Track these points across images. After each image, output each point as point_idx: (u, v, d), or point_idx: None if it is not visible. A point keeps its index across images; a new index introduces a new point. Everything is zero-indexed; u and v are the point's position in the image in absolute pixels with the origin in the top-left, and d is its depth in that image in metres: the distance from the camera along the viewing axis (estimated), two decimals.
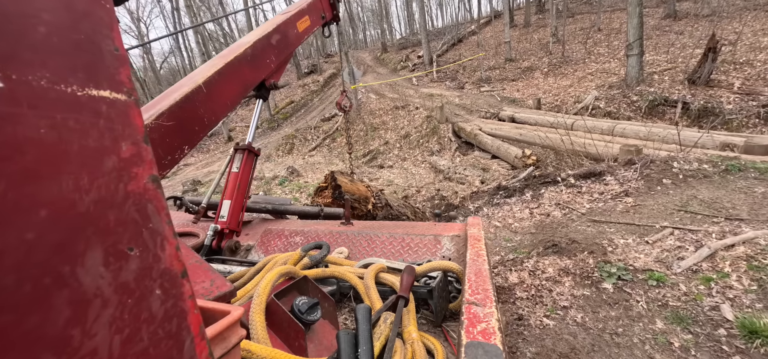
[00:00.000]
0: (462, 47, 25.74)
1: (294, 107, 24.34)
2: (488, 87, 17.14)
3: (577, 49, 17.30)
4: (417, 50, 28.49)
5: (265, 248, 2.25)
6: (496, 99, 15.12)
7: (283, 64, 2.58)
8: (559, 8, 21.26)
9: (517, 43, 21.11)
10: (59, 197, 0.34)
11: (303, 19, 2.76)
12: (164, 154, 1.74)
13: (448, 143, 11.32)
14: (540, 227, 4.18)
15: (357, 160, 12.71)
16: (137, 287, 0.40)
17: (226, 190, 2.32)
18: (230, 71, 2.08)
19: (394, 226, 2.15)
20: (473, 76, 19.24)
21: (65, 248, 0.34)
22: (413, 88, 19.38)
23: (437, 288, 1.42)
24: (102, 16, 0.39)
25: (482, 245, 1.47)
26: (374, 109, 16.61)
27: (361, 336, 0.98)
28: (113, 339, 0.37)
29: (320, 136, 16.67)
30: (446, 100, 15.41)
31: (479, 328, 0.91)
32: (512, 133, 9.79)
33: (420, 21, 24.84)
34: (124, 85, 0.41)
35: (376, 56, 32.62)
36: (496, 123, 11.44)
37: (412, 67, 25.28)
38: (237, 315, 0.70)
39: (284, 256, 1.59)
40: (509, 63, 18.96)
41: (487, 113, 13.30)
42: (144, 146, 0.42)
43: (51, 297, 0.32)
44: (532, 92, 14.71)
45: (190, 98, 1.85)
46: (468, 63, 21.42)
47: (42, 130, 0.33)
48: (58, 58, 0.35)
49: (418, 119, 13.53)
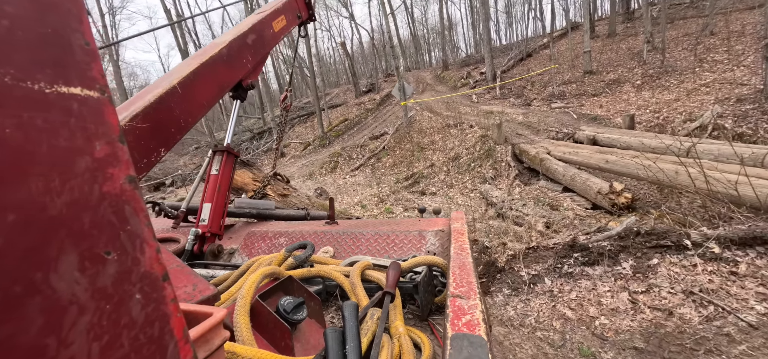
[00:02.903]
0: (531, 62, 23.10)
1: (347, 125, 23.86)
2: (561, 103, 14.55)
3: (683, 57, 13.95)
4: (480, 67, 26.52)
5: (249, 251, 2.20)
6: (571, 117, 12.55)
7: (259, 64, 2.53)
8: (653, 15, 17.76)
9: (600, 53, 18.02)
10: (28, 201, 0.32)
11: (279, 19, 2.70)
12: (140, 157, 1.67)
13: (505, 169, 9.22)
14: (654, 338, 2.18)
15: (397, 183, 11.15)
16: (116, 292, 0.39)
17: (205, 193, 2.27)
18: (206, 71, 2.01)
19: (379, 224, 2.14)
20: (543, 92, 16.69)
21: (36, 253, 0.32)
22: (471, 106, 17.43)
23: (422, 282, 1.40)
24: (70, 8, 0.37)
25: (465, 240, 1.48)
26: (425, 127, 15.01)
27: (348, 333, 0.97)
28: (91, 347, 0.36)
29: (365, 155, 15.56)
30: (507, 117, 13.20)
31: (464, 320, 0.92)
32: (594, 159, 7.40)
33: (483, 34, 22.77)
34: (97, 82, 0.39)
35: (436, 75, 31.21)
36: (571, 145, 9.03)
37: (473, 83, 23.31)
38: (220, 317, 0.69)
39: (268, 257, 1.58)
40: (589, 76, 16.11)
41: (558, 133, 10.87)
42: (120, 146, 0.40)
43: (23, 305, 0.31)
44: (621, 108, 11.90)
45: (165, 99, 1.79)
46: (537, 78, 18.81)
47: (6, 130, 0.31)
48: (23, 53, 0.33)
49: (470, 139, 11.59)
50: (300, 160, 19.46)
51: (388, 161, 13.99)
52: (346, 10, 43.98)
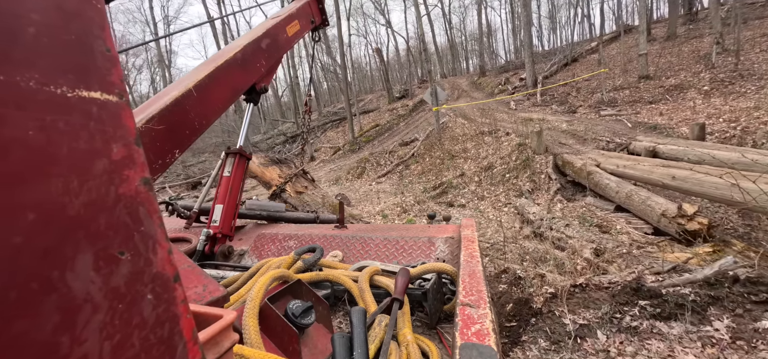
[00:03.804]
0: (576, 67, 21.43)
1: (378, 130, 23.44)
2: (612, 111, 13.11)
3: (762, 60, 12.03)
4: (519, 73, 25.11)
5: (259, 253, 2.20)
6: (624, 125, 11.16)
7: (273, 68, 2.53)
8: (723, 15, 15.70)
9: (658, 57, 16.19)
10: (48, 201, 0.33)
11: (293, 24, 2.71)
12: (155, 158, 1.70)
13: (545, 182, 8.19)
14: None
15: (424, 193, 10.40)
16: (128, 291, 0.39)
17: (218, 194, 2.28)
18: (221, 75, 2.02)
19: (389, 228, 2.12)
20: (590, 99, 15.23)
21: (54, 252, 0.33)
22: (508, 113, 16.29)
23: (432, 290, 1.39)
24: (93, 16, 0.39)
25: (476, 247, 1.47)
26: (457, 134, 14.14)
27: (356, 339, 0.97)
28: (103, 345, 0.36)
29: (394, 161, 14.93)
30: (548, 125, 12.01)
31: (474, 329, 0.91)
32: (656, 174, 6.24)
33: (524, 39, 21.42)
34: (116, 87, 0.40)
35: (473, 81, 30.08)
36: (626, 158, 7.82)
37: (511, 90, 22.02)
38: (230, 319, 0.69)
39: (278, 260, 1.59)
40: (645, 81, 14.45)
41: (609, 143, 9.61)
42: (135, 148, 0.41)
43: (39, 302, 0.32)
44: (685, 116, 10.41)
45: (181, 101, 1.80)
46: (583, 83, 17.27)
47: (30, 132, 0.32)
48: (47, 58, 0.34)
49: (506, 148, 10.59)
50: (328, 164, 19.21)
51: (417, 168, 13.26)
52: (383, 17, 43.98)
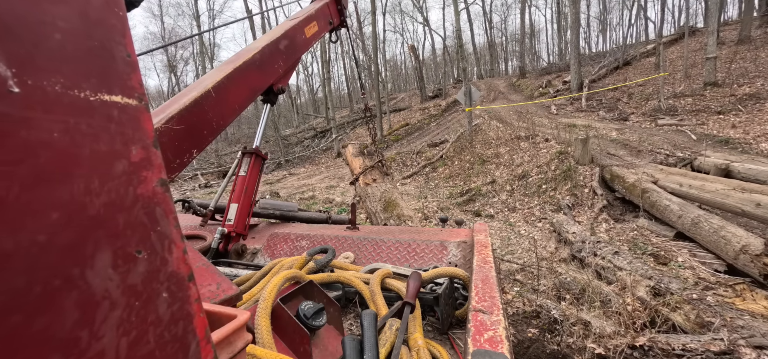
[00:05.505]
0: (628, 71, 19.61)
1: (408, 130, 22.75)
2: (671, 120, 11.63)
3: None
4: (563, 75, 23.45)
5: (271, 252, 2.21)
6: (687, 137, 9.74)
7: (290, 69, 2.52)
8: None
9: (728, 62, 14.27)
10: (70, 200, 0.34)
11: (311, 25, 2.69)
12: (173, 157, 1.72)
13: (588, 197, 7.17)
14: None
15: (450, 199, 9.62)
16: (145, 289, 0.40)
17: (233, 193, 2.30)
18: (239, 76, 2.04)
19: (400, 231, 2.12)
20: (645, 106, 13.69)
21: (75, 250, 0.34)
22: (549, 117, 15.06)
23: (443, 294, 1.37)
24: (115, 23, 0.40)
25: (489, 252, 1.45)
26: (491, 138, 13.19)
27: (366, 343, 0.97)
28: (120, 341, 0.37)
29: (420, 162, 14.21)
30: (595, 132, 10.78)
31: (486, 336, 0.89)
32: (733, 198, 5.12)
33: (572, 39, 19.82)
34: (136, 91, 0.41)
35: (511, 83, 28.54)
36: (691, 175, 6.63)
37: (553, 93, 20.50)
38: (243, 320, 0.69)
39: (290, 260, 1.59)
40: (712, 88, 12.71)
41: (668, 156, 8.34)
42: (153, 150, 0.42)
43: (60, 298, 0.33)
44: (765, 130, 8.83)
45: (200, 102, 1.82)
46: (637, 88, 15.61)
47: (55, 134, 0.33)
48: (72, 64, 0.35)
49: (544, 155, 9.56)
50: None
51: (445, 171, 12.47)
52: (420, 14, 43.07)
